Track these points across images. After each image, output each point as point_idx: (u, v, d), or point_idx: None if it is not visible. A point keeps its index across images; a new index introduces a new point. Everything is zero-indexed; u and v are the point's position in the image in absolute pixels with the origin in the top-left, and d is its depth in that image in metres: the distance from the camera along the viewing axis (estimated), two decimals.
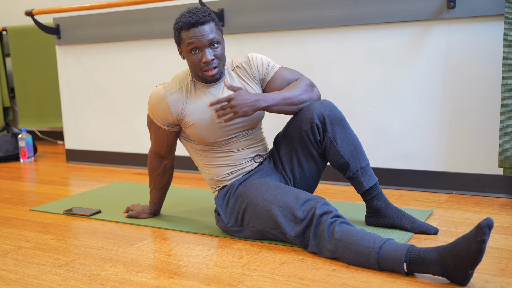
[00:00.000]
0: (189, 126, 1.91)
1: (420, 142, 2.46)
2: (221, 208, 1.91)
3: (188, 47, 1.82)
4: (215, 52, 1.82)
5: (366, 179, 1.89)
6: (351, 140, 1.88)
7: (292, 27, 2.65)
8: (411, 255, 1.49)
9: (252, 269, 1.62)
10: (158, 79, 3.13)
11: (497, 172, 2.32)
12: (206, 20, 1.81)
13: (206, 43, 1.80)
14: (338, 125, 1.87)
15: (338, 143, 1.87)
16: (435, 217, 2.06)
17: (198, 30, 1.79)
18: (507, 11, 2.04)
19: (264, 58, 1.99)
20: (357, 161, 1.88)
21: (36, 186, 2.89)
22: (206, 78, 1.86)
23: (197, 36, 1.79)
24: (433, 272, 1.46)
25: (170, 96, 1.90)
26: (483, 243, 1.36)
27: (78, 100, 3.47)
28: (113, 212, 2.28)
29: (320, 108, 1.86)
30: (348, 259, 1.60)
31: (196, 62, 1.83)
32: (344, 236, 1.61)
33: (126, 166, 3.34)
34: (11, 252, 1.86)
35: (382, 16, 2.44)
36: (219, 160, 1.96)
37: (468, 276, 1.42)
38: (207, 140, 1.92)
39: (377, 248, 1.54)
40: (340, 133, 1.87)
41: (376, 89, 2.52)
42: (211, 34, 1.80)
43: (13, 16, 4.57)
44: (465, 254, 1.39)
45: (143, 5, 3.08)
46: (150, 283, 1.55)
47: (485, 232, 1.35)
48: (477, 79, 2.31)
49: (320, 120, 1.86)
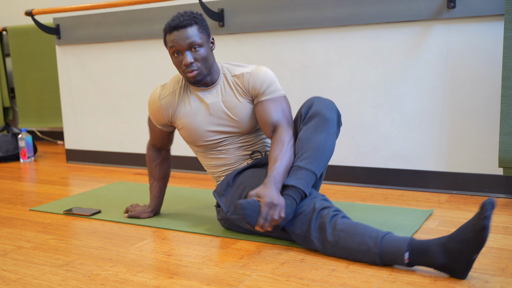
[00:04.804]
0: (180, 128, 1.99)
1: (420, 142, 2.46)
2: (220, 199, 1.92)
3: (170, 50, 1.86)
4: (195, 56, 1.84)
5: (292, 177, 1.75)
6: (315, 139, 1.78)
7: (292, 27, 2.65)
8: (413, 245, 1.50)
9: (252, 269, 1.62)
10: (158, 79, 3.13)
11: (497, 172, 2.32)
12: (187, 23, 1.82)
13: (185, 46, 1.83)
14: (316, 119, 1.80)
15: (302, 130, 1.82)
16: (435, 217, 2.06)
17: (178, 34, 1.83)
18: (507, 11, 2.04)
19: (268, 79, 1.91)
20: (299, 158, 1.78)
21: (36, 186, 2.89)
22: (188, 79, 1.89)
23: (176, 40, 1.83)
24: (435, 263, 1.47)
25: (163, 100, 1.98)
26: (486, 219, 1.38)
27: (78, 100, 3.47)
28: (113, 212, 2.28)
29: (315, 102, 1.84)
30: (349, 250, 1.60)
31: (178, 64, 1.88)
32: (347, 227, 1.62)
33: (126, 166, 3.34)
34: (11, 252, 1.86)
35: (382, 16, 2.44)
36: (213, 160, 2.00)
37: (470, 263, 1.43)
38: (197, 143, 1.98)
39: (380, 237, 1.56)
40: (311, 127, 1.80)
41: (376, 89, 2.52)
42: (191, 38, 1.82)
43: (13, 16, 4.57)
44: (470, 236, 1.41)
45: (143, 5, 3.08)
46: (150, 283, 1.55)
47: (488, 208, 1.37)
48: (477, 79, 2.31)
49: (305, 110, 1.85)
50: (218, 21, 2.81)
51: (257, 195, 1.69)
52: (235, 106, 1.92)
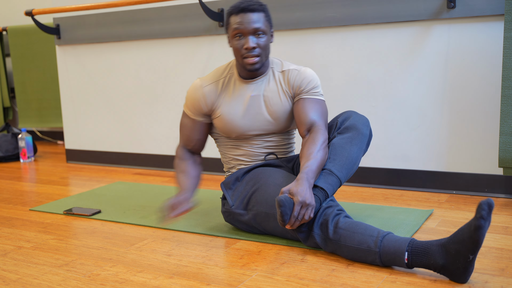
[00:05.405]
0: (218, 117, 1.94)
1: (420, 142, 2.46)
2: (226, 192, 1.92)
3: (233, 32, 1.83)
4: (258, 41, 1.82)
5: (322, 180, 1.76)
6: (349, 149, 1.82)
7: (292, 27, 2.65)
8: (413, 245, 1.50)
9: (252, 269, 1.62)
10: (158, 79, 3.13)
11: (497, 172, 2.32)
12: (256, 8, 1.82)
13: (251, 30, 1.81)
14: (353, 132, 1.85)
15: (337, 138, 1.85)
16: (435, 217, 2.06)
17: (246, 16, 1.81)
18: (507, 11, 2.04)
19: (315, 81, 1.93)
20: (332, 163, 1.80)
21: (36, 186, 2.89)
22: (245, 65, 1.85)
23: (243, 22, 1.80)
24: (434, 265, 1.47)
25: (206, 88, 1.94)
26: (482, 219, 1.37)
27: (78, 100, 3.47)
28: (113, 212, 2.28)
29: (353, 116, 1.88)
30: (349, 249, 1.60)
31: (238, 48, 1.84)
32: (348, 226, 1.62)
33: (126, 166, 3.34)
34: (11, 252, 1.86)
35: (382, 16, 2.44)
36: (236, 151, 1.99)
37: (469, 265, 1.42)
38: (230, 134, 1.96)
39: (380, 237, 1.56)
40: (348, 138, 1.84)
41: (376, 89, 2.52)
42: (258, 23, 1.81)
43: (13, 16, 4.57)
44: (466, 236, 1.41)
45: (143, 5, 3.08)
46: (150, 283, 1.55)
47: (484, 208, 1.37)
48: (477, 79, 2.31)
49: (342, 120, 1.88)
50: (218, 21, 2.81)
51: (290, 192, 1.67)
52: (275, 104, 1.93)
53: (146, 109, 3.21)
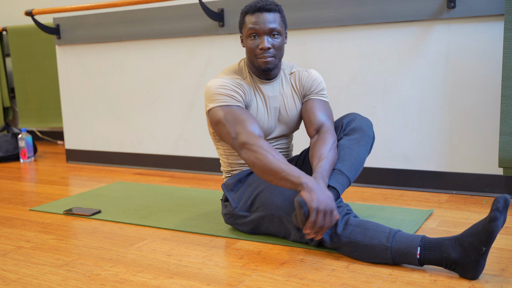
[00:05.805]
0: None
1: (420, 142, 2.46)
2: (229, 194, 1.91)
3: (248, 32, 1.82)
4: (273, 42, 1.82)
5: (334, 180, 1.76)
6: (357, 150, 1.83)
7: (292, 27, 2.65)
8: (426, 241, 1.52)
9: (252, 269, 1.62)
10: (158, 79, 3.13)
11: (497, 172, 2.32)
12: (273, 9, 1.81)
13: (266, 30, 1.80)
14: (360, 133, 1.86)
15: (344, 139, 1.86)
16: (435, 217, 2.06)
17: (262, 16, 1.80)
18: (507, 11, 2.04)
19: (323, 83, 1.97)
20: (341, 163, 1.81)
21: (36, 186, 2.89)
22: (260, 65, 1.83)
23: (259, 22, 1.79)
24: (446, 260, 1.47)
25: (239, 81, 1.86)
26: (497, 211, 1.39)
27: (78, 100, 3.47)
28: (113, 212, 2.28)
29: (358, 118, 1.89)
30: (358, 245, 1.60)
31: (252, 48, 1.82)
32: (359, 223, 1.63)
33: (126, 166, 3.34)
34: (11, 252, 1.86)
35: (382, 16, 2.44)
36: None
37: (481, 258, 1.43)
38: None
39: (393, 233, 1.58)
40: (355, 139, 1.85)
41: (376, 89, 2.52)
42: (274, 24, 1.80)
43: (13, 16, 4.57)
44: (480, 228, 1.43)
45: (143, 5, 3.08)
46: (150, 283, 1.55)
47: (500, 201, 1.39)
48: (477, 79, 2.31)
49: (347, 122, 1.89)
50: (218, 21, 2.81)
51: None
52: (291, 105, 1.94)
53: (146, 109, 3.21)
